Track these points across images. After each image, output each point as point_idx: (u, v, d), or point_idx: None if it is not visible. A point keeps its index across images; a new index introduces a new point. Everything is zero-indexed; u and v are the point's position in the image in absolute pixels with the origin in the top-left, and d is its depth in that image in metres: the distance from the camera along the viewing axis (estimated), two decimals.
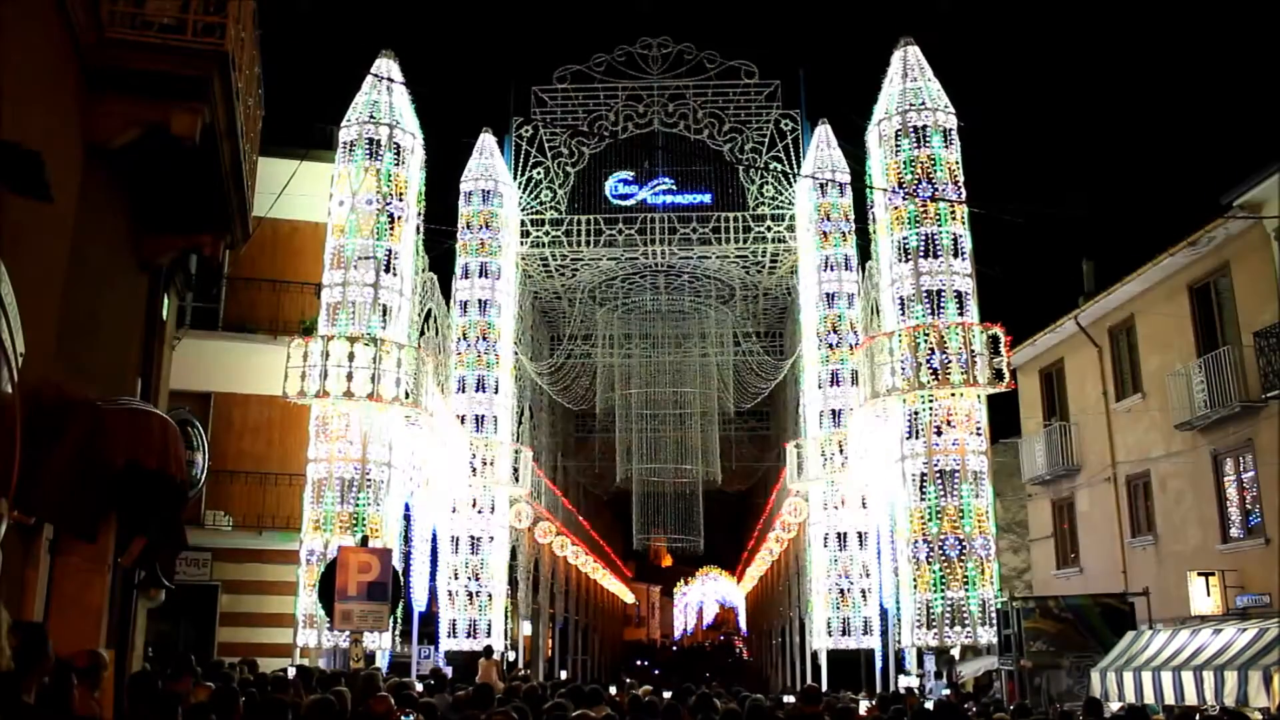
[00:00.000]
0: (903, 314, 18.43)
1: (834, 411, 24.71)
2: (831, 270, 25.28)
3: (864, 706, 13.58)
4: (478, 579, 24.57)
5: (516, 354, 27.18)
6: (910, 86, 19.44)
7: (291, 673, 13.36)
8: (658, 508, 53.35)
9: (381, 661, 18.46)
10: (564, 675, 34.40)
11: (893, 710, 10.88)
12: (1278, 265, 17.25)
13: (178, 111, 8.25)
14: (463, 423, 24.47)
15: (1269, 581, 17.17)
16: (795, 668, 31.46)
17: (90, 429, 6.98)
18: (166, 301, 11.68)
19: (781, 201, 27.32)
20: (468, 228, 26.06)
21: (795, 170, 26.84)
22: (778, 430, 37.20)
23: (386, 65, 20.18)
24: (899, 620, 19.12)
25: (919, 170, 18.86)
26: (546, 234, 27.36)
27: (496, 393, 25.45)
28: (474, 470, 24.54)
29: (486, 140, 26.74)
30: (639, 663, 57.26)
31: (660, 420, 42.05)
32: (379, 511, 18.36)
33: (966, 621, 17.19)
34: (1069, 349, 24.60)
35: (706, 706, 9.81)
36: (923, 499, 17.80)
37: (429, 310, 22.63)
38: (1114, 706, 12.75)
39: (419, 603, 22.18)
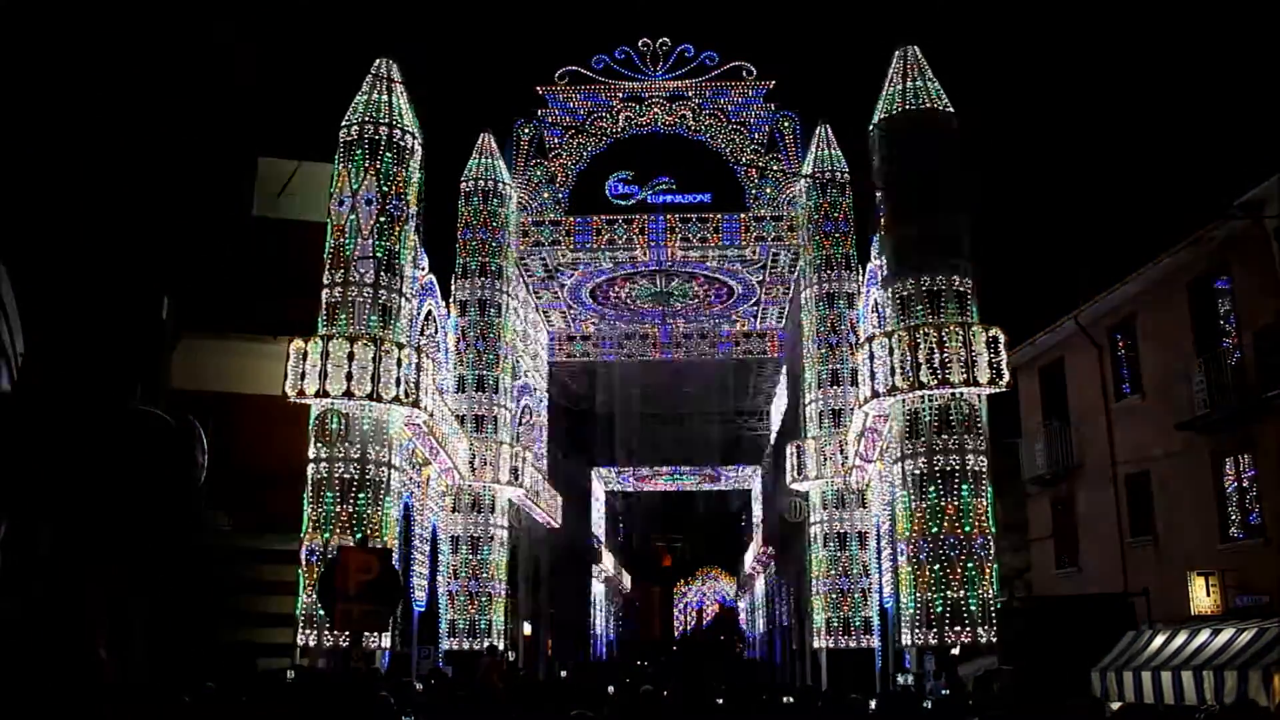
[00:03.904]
0: (903, 314, 18.43)
1: (834, 411, 24.74)
2: (831, 270, 25.32)
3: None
4: (478, 579, 24.58)
5: (516, 353, 27.19)
6: (911, 86, 19.45)
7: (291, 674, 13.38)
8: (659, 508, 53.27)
9: (381, 662, 18.47)
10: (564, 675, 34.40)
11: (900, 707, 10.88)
12: (1278, 265, 17.26)
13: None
14: (462, 423, 24.48)
15: (1269, 581, 17.16)
16: (796, 667, 31.49)
17: (92, 431, 6.97)
18: (166, 302, 11.69)
19: (781, 201, 27.33)
20: (468, 228, 26.09)
21: (795, 170, 26.85)
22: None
23: (385, 65, 20.24)
24: (899, 620, 19.12)
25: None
26: (547, 234, 27.39)
27: (496, 393, 25.47)
28: (474, 470, 24.57)
29: (486, 140, 26.78)
30: (640, 662, 57.23)
31: (660, 420, 42.17)
32: (379, 511, 18.37)
33: (966, 621, 17.20)
34: (1069, 349, 24.60)
35: (706, 704, 9.83)
36: (923, 499, 17.80)
37: (428, 310, 22.65)
38: (1114, 706, 12.75)
39: (419, 603, 22.21)
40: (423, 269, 22.08)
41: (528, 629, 31.07)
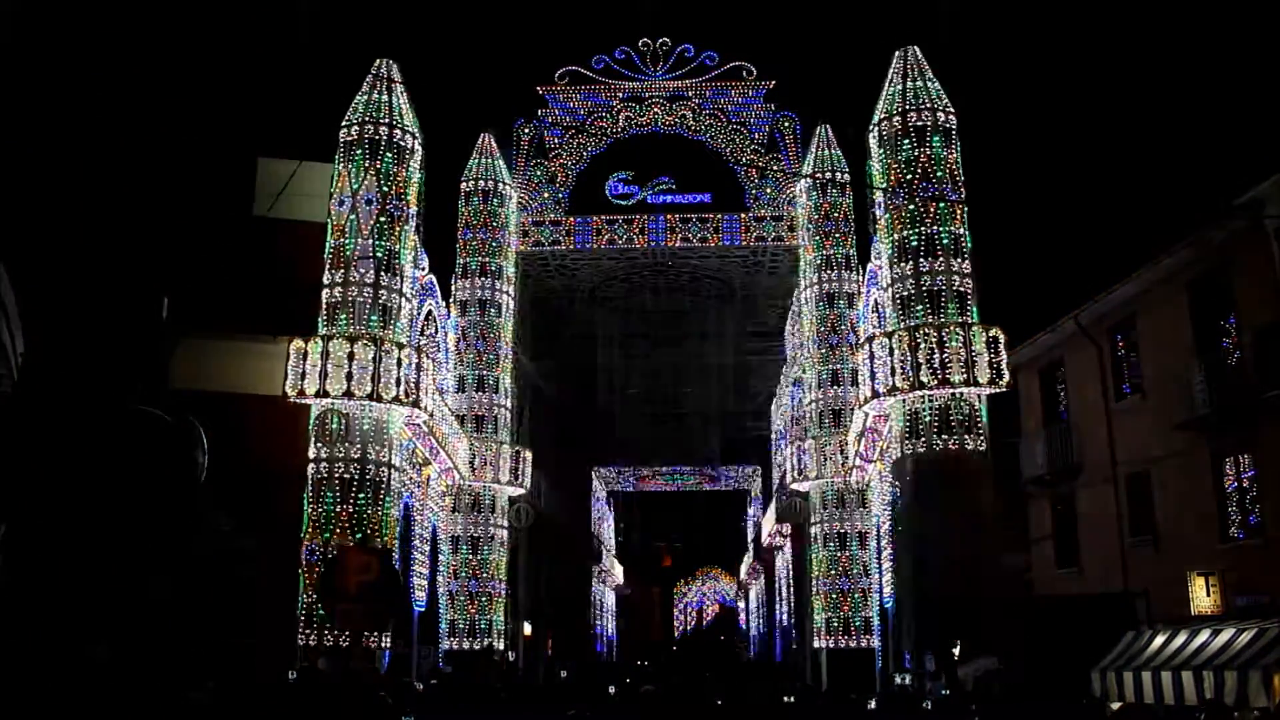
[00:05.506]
0: (903, 314, 18.43)
1: (834, 411, 24.74)
2: (831, 270, 25.31)
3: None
4: (478, 579, 24.59)
5: (516, 353, 27.19)
6: (911, 87, 19.45)
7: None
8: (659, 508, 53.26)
9: (381, 662, 18.46)
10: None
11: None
12: (1278, 265, 17.26)
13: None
14: (462, 423, 24.47)
15: (1269, 581, 17.16)
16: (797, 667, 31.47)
17: (92, 431, 6.98)
18: (166, 302, 11.69)
19: (781, 201, 27.33)
20: (468, 228, 26.10)
21: (795, 170, 26.86)
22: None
23: (385, 65, 20.26)
24: (899, 620, 19.12)
25: (919, 170, 18.87)
26: (547, 234, 27.38)
27: (496, 393, 25.47)
28: (474, 470, 24.57)
29: (486, 140, 26.79)
30: (640, 662, 57.28)
31: (661, 420, 42.19)
32: (379, 511, 18.37)
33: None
34: (1069, 349, 24.59)
35: (704, 704, 9.83)
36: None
37: (428, 310, 22.63)
38: (1114, 706, 12.76)
39: (419, 603, 22.20)
40: (423, 269, 22.07)
41: (528, 629, 31.07)
